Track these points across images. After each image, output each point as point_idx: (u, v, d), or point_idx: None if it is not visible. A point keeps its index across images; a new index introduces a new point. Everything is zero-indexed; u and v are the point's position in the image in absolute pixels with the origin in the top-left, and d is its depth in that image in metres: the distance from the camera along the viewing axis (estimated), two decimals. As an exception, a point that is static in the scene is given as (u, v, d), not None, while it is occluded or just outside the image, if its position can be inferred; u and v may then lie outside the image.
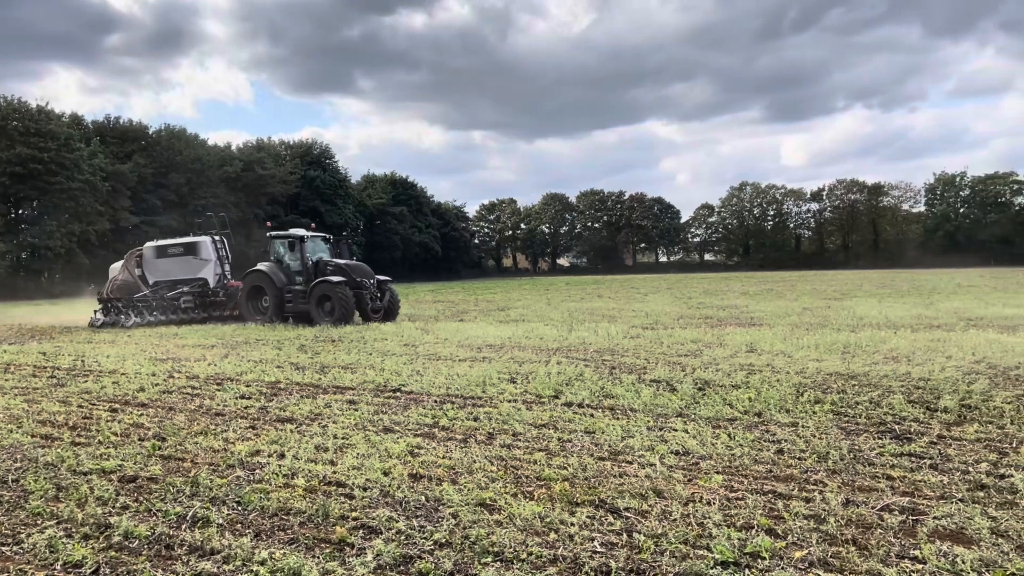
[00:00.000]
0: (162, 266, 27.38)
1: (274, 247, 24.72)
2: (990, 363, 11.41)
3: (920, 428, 7.37)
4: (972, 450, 6.49)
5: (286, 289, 23.30)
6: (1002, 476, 5.68)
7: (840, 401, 8.78)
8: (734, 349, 14.00)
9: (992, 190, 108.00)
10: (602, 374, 11.32)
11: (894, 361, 11.94)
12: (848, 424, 7.67)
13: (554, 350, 14.75)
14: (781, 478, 5.91)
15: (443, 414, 8.67)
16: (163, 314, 25.12)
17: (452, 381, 10.97)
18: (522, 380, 10.93)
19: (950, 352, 12.71)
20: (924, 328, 17.29)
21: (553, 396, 9.65)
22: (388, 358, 14.06)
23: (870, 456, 6.39)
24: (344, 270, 22.96)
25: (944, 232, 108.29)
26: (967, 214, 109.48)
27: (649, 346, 14.88)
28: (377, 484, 6.03)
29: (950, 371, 10.64)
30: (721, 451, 6.69)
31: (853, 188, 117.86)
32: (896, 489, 5.50)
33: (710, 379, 10.52)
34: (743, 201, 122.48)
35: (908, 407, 8.33)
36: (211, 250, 26.99)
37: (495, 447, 7.10)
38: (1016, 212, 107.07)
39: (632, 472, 6.18)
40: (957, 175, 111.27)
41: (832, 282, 50.68)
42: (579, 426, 7.85)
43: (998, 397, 8.65)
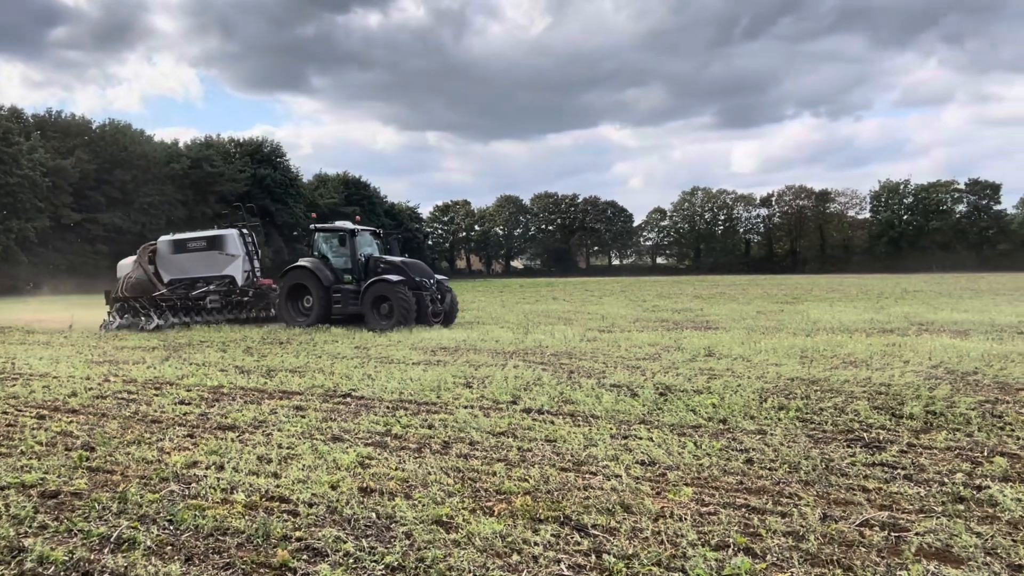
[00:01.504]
0: (180, 262, 24.46)
1: (318, 242, 22.35)
2: (948, 368, 11.38)
3: (889, 436, 7.18)
4: (944, 459, 6.30)
5: (334, 289, 20.94)
6: (979, 487, 5.48)
7: (805, 407, 8.58)
8: (693, 353, 13.80)
9: (934, 198, 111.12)
10: (560, 378, 10.99)
11: (853, 366, 11.85)
12: (815, 431, 7.46)
13: (510, 353, 14.39)
14: (753, 490, 5.62)
15: (396, 421, 8.23)
16: (186, 315, 22.60)
17: (405, 386, 10.52)
18: (478, 385, 10.54)
19: (907, 357, 12.69)
20: (878, 332, 17.37)
21: (511, 402, 9.27)
22: (338, 361, 13.53)
23: (842, 466, 6.15)
24: (401, 268, 20.79)
25: (888, 238, 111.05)
26: (910, 221, 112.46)
27: (607, 349, 14.61)
28: (324, 499, 5.57)
29: (910, 376, 10.56)
30: (689, 461, 6.39)
31: (801, 194, 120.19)
32: (873, 502, 5.25)
33: (671, 384, 10.26)
34: (695, 206, 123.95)
35: (874, 414, 8.16)
36: (239, 245, 24.08)
37: (451, 457, 6.70)
38: (957, 220, 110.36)
39: (597, 484, 5.83)
40: (901, 183, 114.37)
41: (782, 286, 51.33)
42: (539, 434, 7.48)
43: (962, 403, 8.53)
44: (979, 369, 11.16)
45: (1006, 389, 9.58)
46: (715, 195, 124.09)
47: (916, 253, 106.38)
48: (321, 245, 22.26)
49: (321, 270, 21.23)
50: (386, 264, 21.06)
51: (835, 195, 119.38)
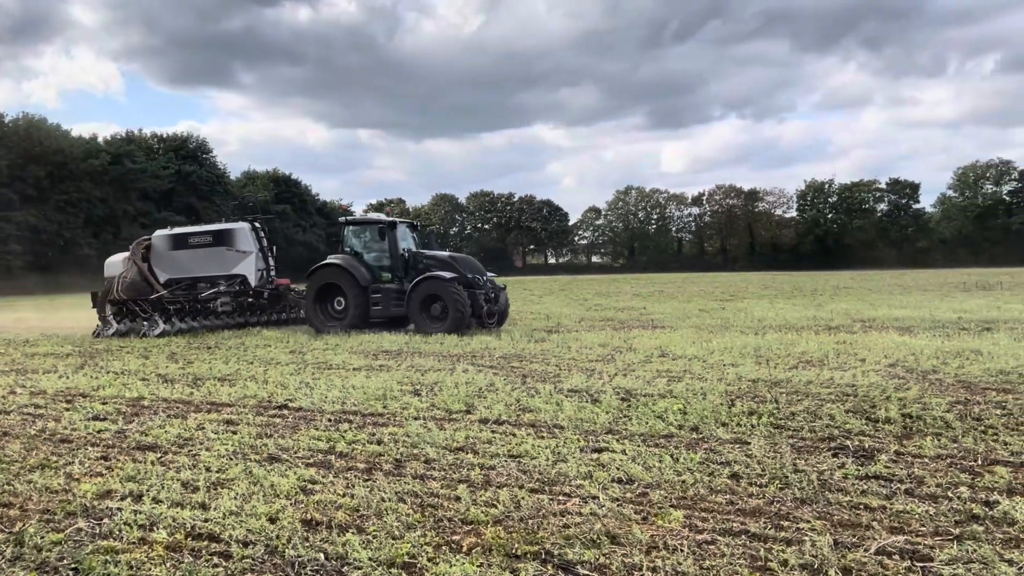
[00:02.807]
0: (181, 260, 21.94)
1: (348, 237, 19.94)
2: (907, 367, 11.16)
3: (873, 443, 6.76)
4: (940, 470, 5.88)
5: (372, 288, 18.70)
6: (989, 503, 5.05)
7: (776, 412, 8.13)
8: (646, 354, 13.34)
9: (857, 197, 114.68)
10: (514, 383, 10.34)
11: (811, 366, 11.54)
12: (794, 439, 6.99)
13: (457, 356, 13.67)
14: (748, 512, 5.07)
15: (340, 437, 7.45)
16: (194, 319, 20.23)
17: (348, 394, 9.72)
18: (427, 392, 9.80)
19: (862, 355, 12.47)
20: (824, 330, 17.26)
21: (465, 411, 8.58)
22: (272, 367, 12.60)
23: (836, 480, 5.67)
24: (450, 264, 18.50)
25: (814, 236, 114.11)
26: (835, 219, 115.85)
27: (557, 351, 14.03)
28: (262, 536, 4.79)
29: (873, 376, 10.27)
30: (670, 477, 5.81)
31: (731, 194, 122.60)
32: (882, 523, 4.75)
33: (632, 388, 9.72)
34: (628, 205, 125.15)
35: (849, 418, 7.76)
36: (251, 240, 21.49)
37: (406, 479, 5.97)
38: (879, 219, 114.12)
39: (575, 509, 5.20)
40: (825, 182, 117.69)
41: (716, 283, 51.88)
42: (501, 449, 6.82)
43: (935, 405, 8.21)
44: (937, 368, 10.96)
45: (972, 389, 9.34)
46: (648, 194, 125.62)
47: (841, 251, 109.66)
48: (352, 240, 19.84)
49: (356, 268, 18.88)
50: (432, 259, 18.81)
51: (763, 194, 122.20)
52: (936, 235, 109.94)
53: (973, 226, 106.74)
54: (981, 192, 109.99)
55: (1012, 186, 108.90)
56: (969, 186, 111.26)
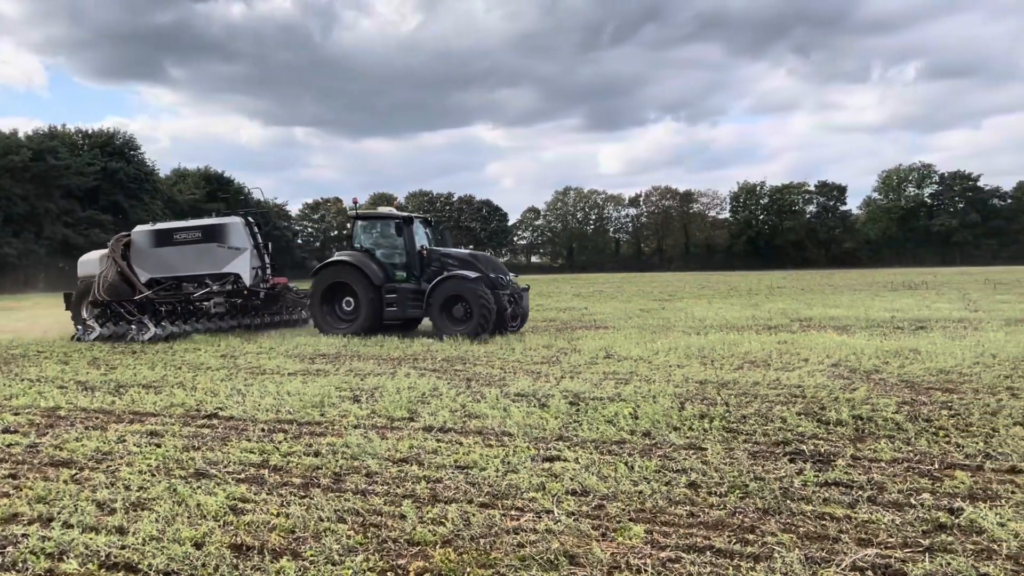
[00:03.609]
0: (164, 257, 20.07)
1: (358, 232, 18.50)
2: (849, 367, 11.20)
3: (828, 447, 6.63)
4: (899, 475, 5.76)
5: (387, 288, 17.37)
6: (953, 510, 4.92)
7: (727, 415, 7.97)
8: (591, 355, 13.13)
9: (787, 199, 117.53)
10: (459, 387, 9.98)
11: (756, 366, 11.49)
12: (749, 444, 6.81)
13: (398, 359, 13.24)
14: (711, 525, 4.83)
15: (274, 448, 6.98)
16: (185, 322, 18.78)
17: (282, 402, 9.21)
18: (368, 398, 9.37)
19: (804, 355, 12.50)
20: (764, 330, 17.37)
21: (408, 418, 8.18)
22: (201, 373, 11.96)
23: (796, 488, 5.48)
24: (471, 263, 17.29)
25: (747, 237, 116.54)
26: (766, 221, 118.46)
27: (501, 353, 13.71)
28: (186, 565, 4.34)
29: (819, 377, 10.25)
30: (626, 488, 5.55)
31: (667, 195, 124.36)
32: (850, 535, 4.56)
33: (579, 391, 9.46)
34: (567, 205, 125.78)
35: (800, 420, 7.64)
36: (245, 236, 19.77)
37: (346, 496, 5.56)
38: (808, 220, 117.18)
39: (529, 525, 4.88)
40: (757, 184, 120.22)
41: (653, 283, 52.37)
42: (448, 459, 6.45)
43: (884, 406, 8.17)
44: (880, 368, 11.03)
45: (916, 389, 9.37)
46: (586, 195, 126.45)
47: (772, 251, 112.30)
48: (363, 236, 18.41)
49: (368, 265, 17.47)
50: (451, 258, 17.64)
51: (697, 196, 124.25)
52: (862, 236, 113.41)
53: (897, 227, 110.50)
54: (904, 195, 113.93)
55: (933, 189, 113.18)
56: (893, 189, 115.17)
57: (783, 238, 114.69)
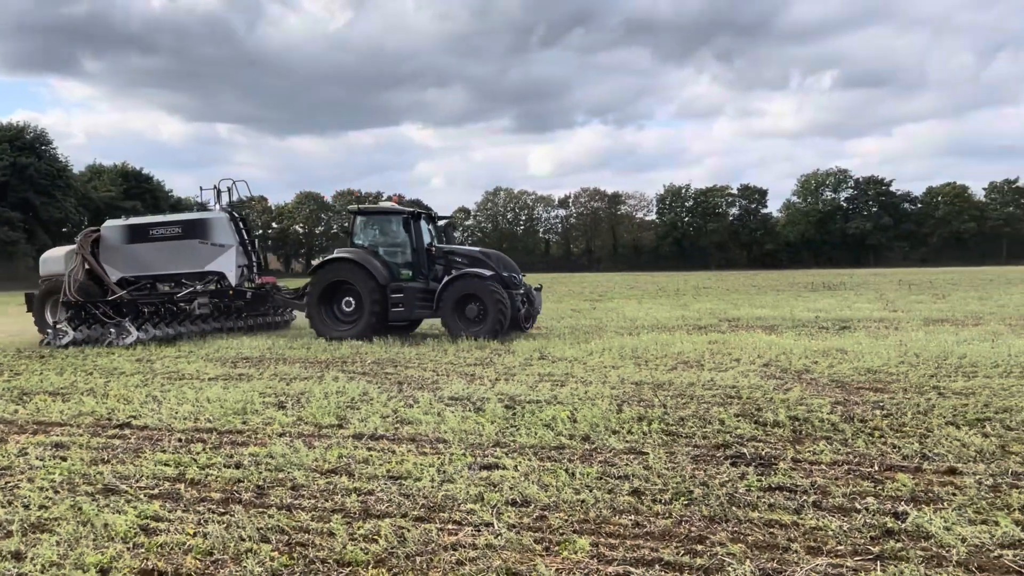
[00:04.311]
0: (139, 254, 18.47)
1: (360, 229, 17.42)
2: (780, 367, 11.28)
3: (768, 450, 6.55)
4: (840, 478, 5.70)
5: (392, 287, 16.38)
6: (898, 514, 4.85)
7: (666, 417, 7.85)
8: (525, 356, 12.93)
9: (711, 202, 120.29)
10: (390, 392, 9.62)
11: (689, 367, 11.47)
12: (689, 447, 6.69)
13: (326, 362, 12.77)
14: (657, 535, 4.64)
15: (191, 460, 6.52)
16: (168, 325, 17.57)
17: (202, 409, 8.69)
18: (294, 404, 8.92)
19: (736, 355, 12.56)
20: (695, 330, 17.50)
21: (337, 425, 7.80)
22: (115, 379, 11.27)
23: (741, 494, 5.35)
24: (483, 261, 16.52)
25: (673, 239, 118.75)
26: (691, 223, 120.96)
27: (434, 355, 13.38)
28: (88, 596, 3.91)
29: (752, 377, 10.26)
30: (568, 497, 5.32)
31: (595, 196, 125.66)
32: (799, 543, 4.44)
33: (515, 394, 9.23)
34: (497, 206, 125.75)
35: (738, 422, 7.58)
36: (230, 232, 18.40)
37: (270, 511, 5.18)
38: (731, 222, 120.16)
39: (467, 540, 4.60)
40: (683, 187, 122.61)
41: (583, 284, 52.76)
42: (380, 469, 6.12)
43: (818, 407, 8.18)
44: (810, 368, 11.14)
45: (847, 389, 9.46)
46: (517, 196, 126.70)
47: (697, 252, 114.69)
48: (364, 233, 17.37)
49: (372, 264, 16.45)
50: (460, 255, 16.91)
51: (625, 197, 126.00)
52: (782, 238, 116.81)
53: (815, 230, 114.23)
54: (821, 198, 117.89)
55: (848, 193, 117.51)
56: (811, 193, 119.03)
57: (707, 239, 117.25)
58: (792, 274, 69.04)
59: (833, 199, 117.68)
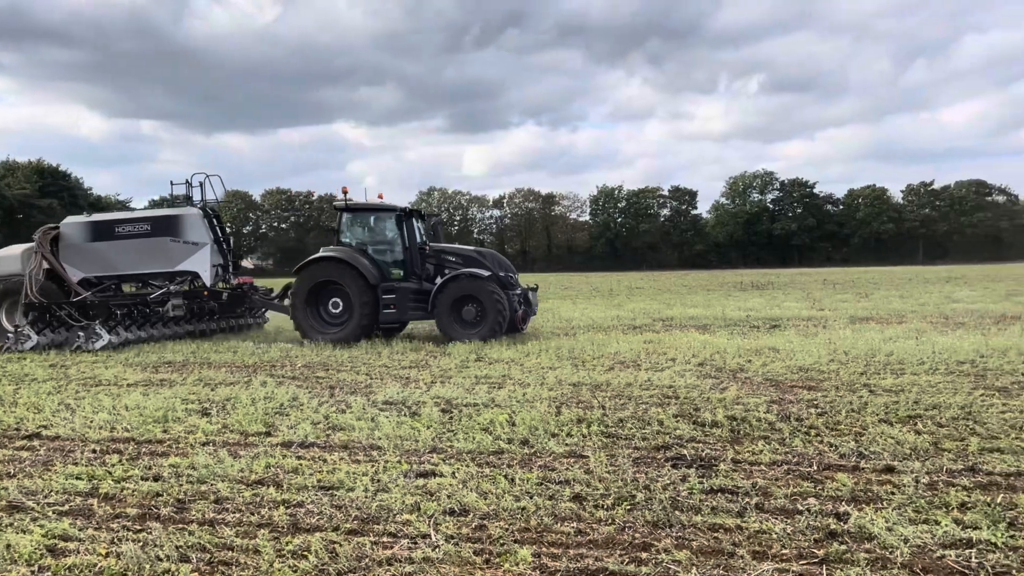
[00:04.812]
0: (103, 253, 17.38)
1: (347, 226, 16.65)
2: (715, 366, 11.35)
3: (708, 451, 6.50)
4: (780, 479, 5.67)
5: (384, 288, 15.70)
6: (840, 515, 4.83)
7: (605, 419, 7.75)
8: (460, 358, 12.72)
9: (643, 203, 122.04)
10: (321, 397, 9.29)
11: (626, 367, 11.44)
12: (629, 449, 6.59)
13: (253, 366, 12.31)
14: (600, 543, 4.50)
15: (106, 473, 6.11)
16: (140, 328, 16.57)
17: (119, 417, 8.22)
18: (219, 411, 8.52)
19: (672, 355, 12.60)
20: (630, 330, 17.56)
21: (265, 433, 7.46)
22: (25, 385, 10.62)
23: (683, 497, 5.26)
24: (478, 260, 16.01)
25: (606, 239, 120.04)
26: (624, 223, 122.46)
27: (367, 358, 13.05)
28: (-17, 629, 3.55)
29: (688, 377, 10.28)
30: (508, 505, 5.14)
31: (530, 197, 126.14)
32: (744, 548, 4.36)
33: (452, 397, 9.01)
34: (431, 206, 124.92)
35: (677, 423, 7.53)
36: (204, 229, 17.39)
37: (191, 527, 4.85)
38: (662, 223, 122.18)
39: (403, 554, 4.38)
40: (615, 188, 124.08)
41: (520, 284, 52.64)
42: (310, 479, 5.83)
43: (755, 406, 8.21)
44: (744, 367, 11.23)
45: (781, 387, 9.55)
46: (451, 196, 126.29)
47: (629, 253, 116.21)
48: (351, 231, 16.66)
49: (362, 263, 15.74)
50: (453, 255, 16.44)
51: (559, 198, 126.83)
52: (711, 239, 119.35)
53: (742, 231, 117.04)
54: (749, 200, 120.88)
55: (774, 195, 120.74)
56: (739, 194, 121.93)
57: (639, 240, 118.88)
58: (721, 274, 70.51)
59: (760, 201, 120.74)
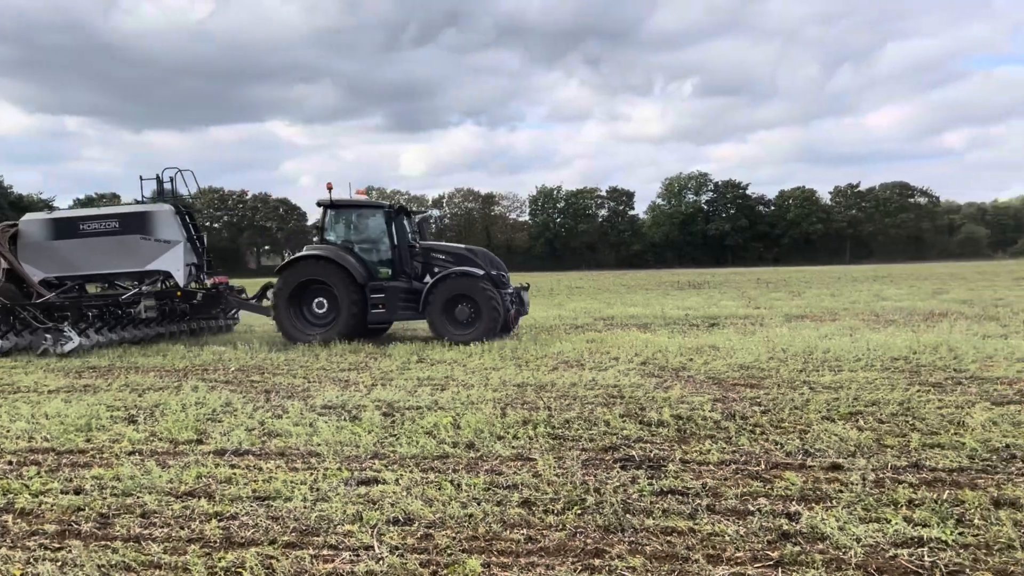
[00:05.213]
0: (67, 252, 16.45)
1: (331, 224, 16.13)
2: (658, 365, 11.35)
3: (656, 451, 6.42)
4: (729, 479, 5.62)
5: (372, 287, 15.22)
6: (791, 515, 4.78)
7: (551, 420, 7.63)
8: (402, 359, 12.46)
9: (581, 203, 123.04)
10: (256, 402, 8.93)
11: (570, 367, 11.36)
12: (577, 451, 6.47)
13: (183, 370, 11.83)
14: (552, 551, 4.35)
15: (23, 486, 5.70)
16: (111, 330, 15.71)
17: (38, 426, 7.74)
18: (146, 418, 8.11)
19: (615, 354, 12.57)
20: (572, 329, 17.54)
21: (196, 440, 7.10)
22: (-67, 394, 9.95)
23: (634, 500, 5.16)
24: (469, 258, 15.57)
25: (545, 239, 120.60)
26: (563, 224, 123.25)
27: (304, 360, 12.68)
28: None
29: (632, 376, 10.25)
30: (455, 512, 4.96)
31: (469, 197, 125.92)
32: (698, 551, 4.26)
33: (393, 400, 8.77)
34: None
35: (624, 423, 7.45)
36: (176, 226, 16.55)
37: (115, 544, 4.53)
38: (600, 223, 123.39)
39: (345, 567, 4.15)
40: (554, 188, 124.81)
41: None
42: (245, 489, 5.53)
43: (699, 405, 8.19)
44: (686, 365, 11.26)
45: (723, 385, 9.58)
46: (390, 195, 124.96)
47: (568, 253, 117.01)
48: (335, 228, 16.17)
49: (349, 261, 15.24)
50: (443, 253, 15.98)
51: (499, 199, 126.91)
52: (648, 239, 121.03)
53: (678, 231, 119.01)
54: (684, 201, 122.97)
55: (709, 196, 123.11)
56: (674, 195, 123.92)
57: (578, 240, 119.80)
58: (658, 274, 71.49)
59: (695, 202, 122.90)
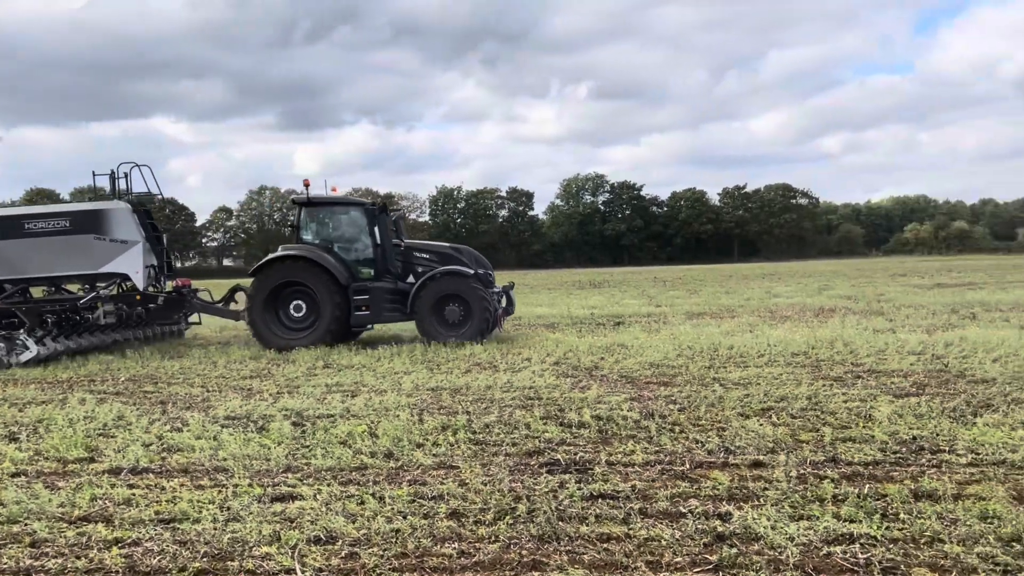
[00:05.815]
0: (11, 253, 14.90)
1: (307, 222, 15.31)
2: (571, 364, 11.35)
3: (581, 453, 6.34)
4: (657, 480, 5.58)
5: (355, 288, 14.39)
6: (723, 516, 4.76)
7: (471, 425, 7.44)
8: (307, 365, 12.01)
9: (482, 204, 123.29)
10: (152, 414, 8.36)
11: (483, 368, 11.20)
12: (501, 456, 6.31)
13: (68, 381, 11.01)
14: (487, 564, 4.17)
15: None
16: (68, 338, 14.28)
17: (-100, 450, 6.96)
18: (30, 435, 7.44)
19: (526, 355, 12.47)
20: (480, 330, 17.36)
21: (87, 459, 6.55)
22: None
23: (565, 505, 5.04)
24: (455, 258, 14.99)
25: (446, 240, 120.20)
26: (464, 224, 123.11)
27: (201, 368, 12.02)
28: None
29: (547, 377, 10.18)
30: (380, 527, 4.70)
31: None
32: (637, 557, 4.17)
33: (303, 409, 8.38)
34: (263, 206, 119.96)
35: (544, 425, 7.34)
36: (134, 226, 15.38)
37: (0, 582, 4.06)
38: (500, 224, 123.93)
39: (267, 594, 3.84)
40: (455, 189, 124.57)
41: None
42: (146, 512, 5.10)
43: (617, 405, 8.18)
44: (599, 364, 11.30)
45: (637, 384, 9.63)
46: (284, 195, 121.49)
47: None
48: (312, 228, 15.36)
49: (329, 261, 14.46)
50: (427, 252, 15.38)
51: (398, 199, 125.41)
52: (548, 239, 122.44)
53: (576, 231, 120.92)
54: (582, 202, 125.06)
55: (605, 197, 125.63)
56: (572, 196, 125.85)
57: (479, 240, 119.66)
58: (559, 273, 72.35)
59: (592, 202, 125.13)
